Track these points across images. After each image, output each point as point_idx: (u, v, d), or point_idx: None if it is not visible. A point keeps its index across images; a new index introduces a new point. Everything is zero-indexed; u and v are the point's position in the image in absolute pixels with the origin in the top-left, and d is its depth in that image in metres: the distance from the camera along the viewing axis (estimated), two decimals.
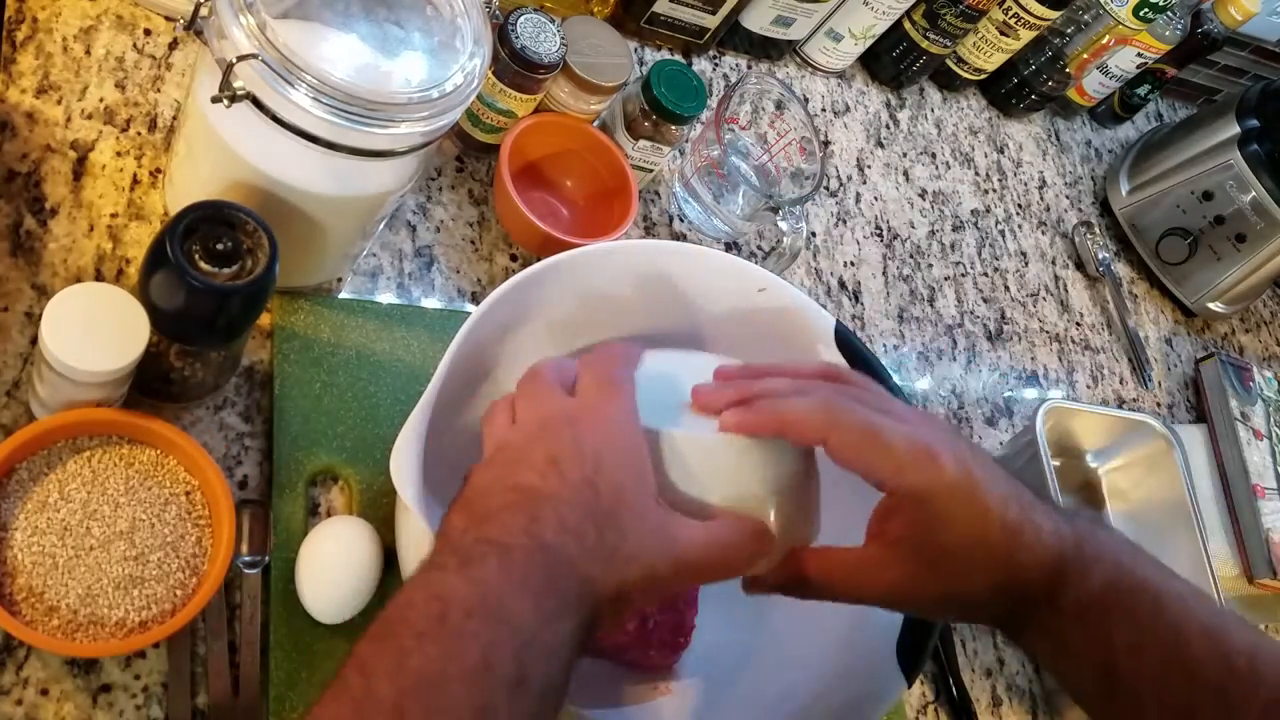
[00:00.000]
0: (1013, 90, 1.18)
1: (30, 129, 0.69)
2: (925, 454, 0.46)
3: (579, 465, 0.43)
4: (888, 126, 1.12)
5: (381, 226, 0.73)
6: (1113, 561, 0.48)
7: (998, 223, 1.14)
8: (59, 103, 0.70)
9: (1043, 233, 1.16)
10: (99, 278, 0.67)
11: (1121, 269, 1.20)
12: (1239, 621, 0.49)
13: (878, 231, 1.04)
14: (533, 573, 0.38)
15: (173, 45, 0.76)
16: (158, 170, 0.71)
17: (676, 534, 0.44)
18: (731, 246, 0.94)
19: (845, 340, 0.66)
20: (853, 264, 1.01)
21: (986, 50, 1.12)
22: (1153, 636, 0.47)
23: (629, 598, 0.42)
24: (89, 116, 0.71)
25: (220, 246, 0.56)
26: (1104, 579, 0.47)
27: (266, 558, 0.63)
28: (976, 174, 1.15)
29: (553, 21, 0.77)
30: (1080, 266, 1.17)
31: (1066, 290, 1.14)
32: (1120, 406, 1.09)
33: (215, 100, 0.56)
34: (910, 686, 0.59)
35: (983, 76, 1.16)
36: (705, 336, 0.68)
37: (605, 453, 0.44)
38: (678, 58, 1.00)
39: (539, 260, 0.62)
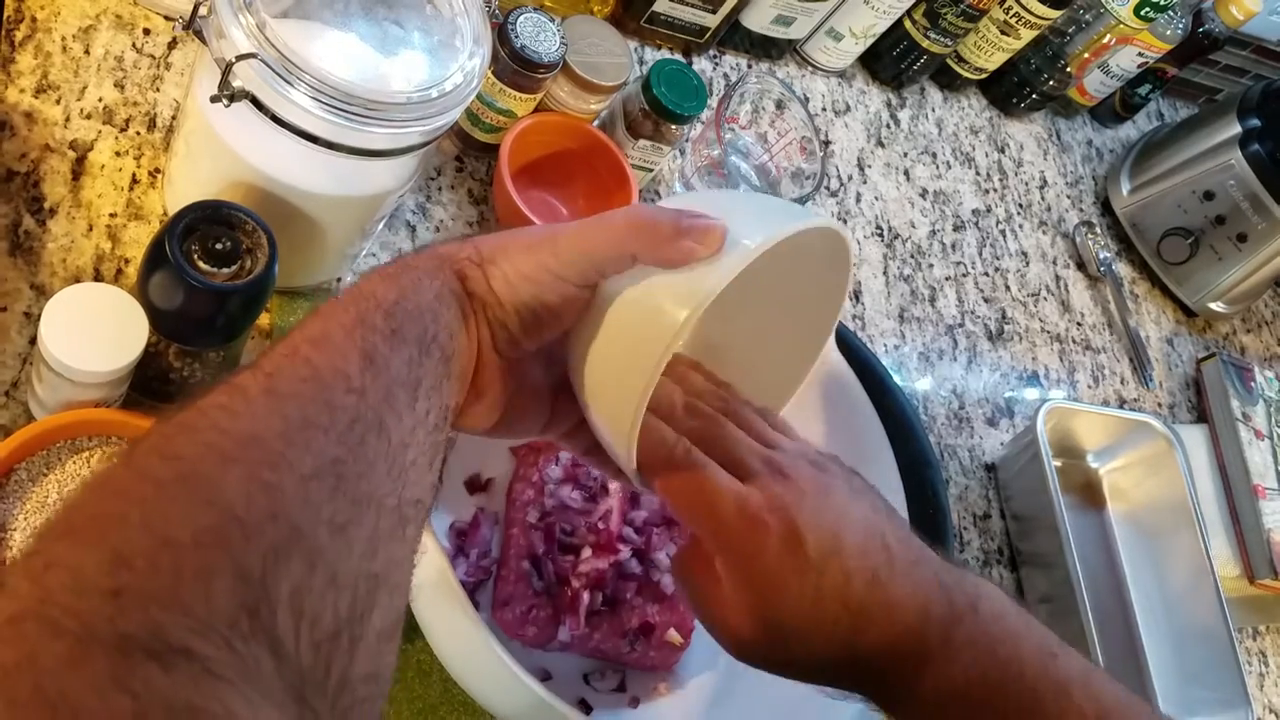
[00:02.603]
0: (1013, 89, 1.18)
1: (29, 128, 0.69)
2: (750, 523, 0.44)
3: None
4: (888, 126, 1.12)
5: (381, 226, 0.73)
6: (986, 649, 0.44)
7: (998, 222, 1.13)
8: (58, 102, 0.70)
9: (1044, 232, 1.16)
10: (98, 278, 0.67)
11: (1122, 269, 1.19)
12: (1136, 703, 0.45)
13: (878, 231, 1.04)
14: (397, 264, 0.44)
15: (172, 45, 0.76)
16: (157, 170, 0.71)
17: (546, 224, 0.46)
18: None
19: (845, 340, 0.66)
20: (853, 264, 1.00)
21: (987, 49, 1.12)
22: None
23: (491, 260, 0.44)
24: (88, 116, 0.71)
25: (219, 246, 0.56)
26: (970, 668, 0.44)
27: None
28: (977, 173, 1.15)
29: (552, 21, 0.77)
30: (1081, 266, 1.16)
31: (1067, 290, 1.14)
32: (1121, 407, 1.09)
33: (214, 100, 0.55)
34: None
35: (983, 76, 1.16)
36: None
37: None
38: (678, 57, 1.00)
39: None
